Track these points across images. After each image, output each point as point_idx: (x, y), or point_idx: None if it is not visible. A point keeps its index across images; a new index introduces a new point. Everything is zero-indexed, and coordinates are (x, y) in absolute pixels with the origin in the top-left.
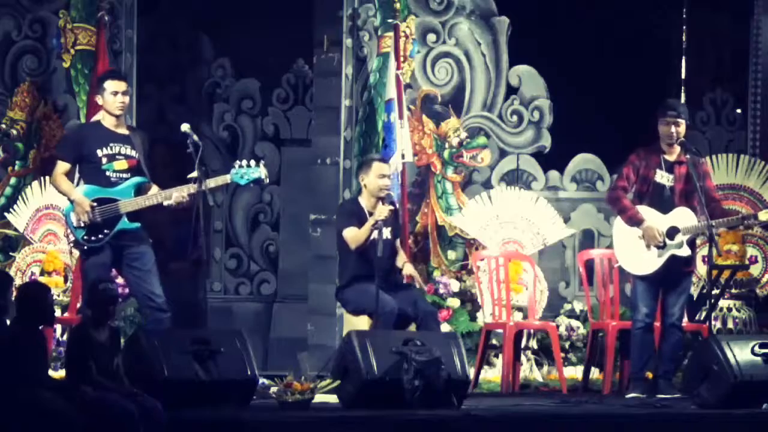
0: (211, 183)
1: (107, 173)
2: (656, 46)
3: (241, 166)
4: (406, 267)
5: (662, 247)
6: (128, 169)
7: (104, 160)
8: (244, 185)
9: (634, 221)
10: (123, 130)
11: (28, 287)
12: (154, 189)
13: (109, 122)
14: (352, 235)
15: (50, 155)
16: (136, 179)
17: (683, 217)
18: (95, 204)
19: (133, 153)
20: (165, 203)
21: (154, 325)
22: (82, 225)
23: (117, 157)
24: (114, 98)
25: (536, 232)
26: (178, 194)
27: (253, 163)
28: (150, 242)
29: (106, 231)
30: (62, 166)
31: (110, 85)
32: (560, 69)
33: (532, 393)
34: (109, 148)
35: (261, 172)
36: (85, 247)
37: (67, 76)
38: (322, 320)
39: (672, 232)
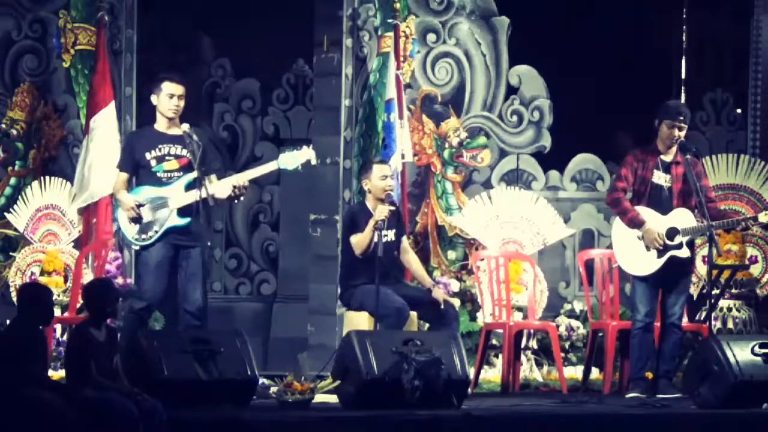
0: (259, 171)
1: (158, 174)
2: (656, 46)
3: (289, 150)
4: (435, 292)
5: (662, 250)
6: (179, 168)
7: (153, 163)
8: (292, 170)
9: (635, 223)
10: (175, 131)
11: (30, 288)
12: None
13: (161, 125)
14: (356, 241)
15: (50, 155)
16: (189, 176)
17: (683, 218)
18: (143, 203)
19: (184, 152)
20: (217, 196)
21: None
22: (131, 223)
23: (166, 158)
24: (169, 101)
25: (536, 232)
26: (225, 188)
27: (303, 147)
28: (206, 244)
29: (156, 229)
30: (121, 176)
31: (167, 86)
32: (560, 69)
33: (532, 393)
34: (157, 150)
35: (309, 153)
36: (137, 247)
37: (67, 76)
38: (322, 320)
39: (671, 233)
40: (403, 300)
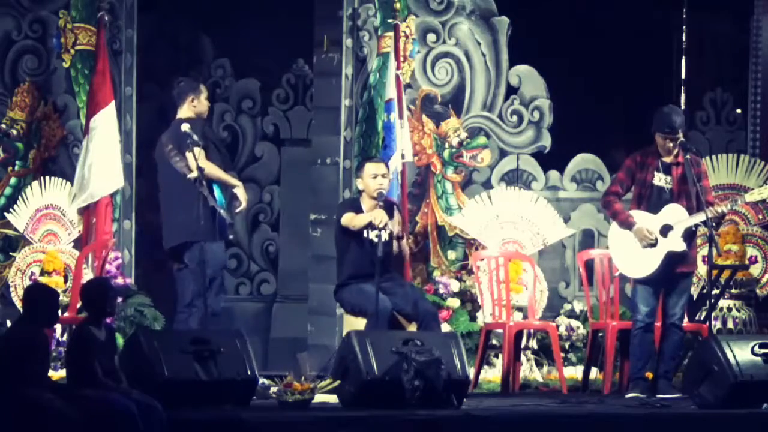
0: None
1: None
2: (656, 46)
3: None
4: None
5: (654, 245)
6: None
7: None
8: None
9: (626, 224)
10: None
11: (38, 289)
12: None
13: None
14: (349, 218)
15: (50, 155)
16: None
17: (673, 213)
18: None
19: None
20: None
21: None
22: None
23: None
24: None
25: (536, 232)
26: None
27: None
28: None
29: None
30: (204, 152)
31: (204, 89)
32: (560, 69)
33: (532, 393)
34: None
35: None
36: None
37: (67, 76)
38: (322, 320)
39: (665, 230)
40: (388, 301)
